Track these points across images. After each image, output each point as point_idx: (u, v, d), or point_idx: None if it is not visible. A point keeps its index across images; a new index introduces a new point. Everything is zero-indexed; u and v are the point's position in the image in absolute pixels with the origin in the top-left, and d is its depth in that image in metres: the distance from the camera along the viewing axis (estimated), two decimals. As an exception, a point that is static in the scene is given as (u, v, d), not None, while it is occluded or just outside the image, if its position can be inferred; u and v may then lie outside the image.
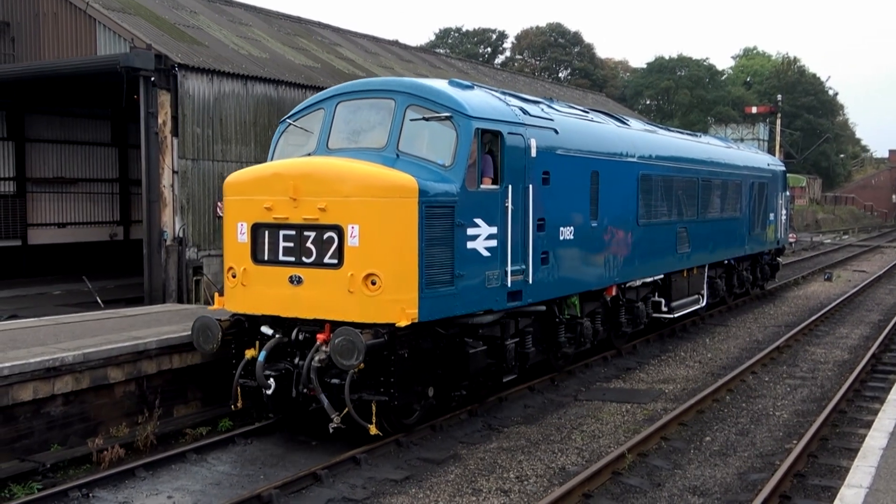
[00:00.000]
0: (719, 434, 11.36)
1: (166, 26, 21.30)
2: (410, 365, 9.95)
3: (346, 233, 9.62)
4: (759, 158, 24.59)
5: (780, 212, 25.42)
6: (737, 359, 16.28)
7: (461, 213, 10.14)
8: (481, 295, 10.68)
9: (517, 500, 8.93)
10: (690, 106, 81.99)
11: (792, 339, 17.98)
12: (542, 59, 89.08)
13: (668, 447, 10.73)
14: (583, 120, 14.03)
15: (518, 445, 10.79)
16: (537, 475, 9.71)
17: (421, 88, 10.90)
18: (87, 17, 20.79)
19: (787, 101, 66.38)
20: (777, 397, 13.37)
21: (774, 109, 52.17)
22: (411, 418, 10.69)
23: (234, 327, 10.72)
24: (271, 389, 10.09)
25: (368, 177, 9.79)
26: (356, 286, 9.55)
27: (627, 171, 14.84)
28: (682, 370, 15.34)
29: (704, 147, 19.70)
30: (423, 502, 8.88)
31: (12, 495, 9.03)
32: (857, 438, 10.68)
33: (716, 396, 13.09)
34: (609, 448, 10.61)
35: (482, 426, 11.62)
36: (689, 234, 17.58)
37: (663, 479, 9.59)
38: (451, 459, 10.22)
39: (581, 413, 12.38)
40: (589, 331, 14.10)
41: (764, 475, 9.63)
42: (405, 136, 10.45)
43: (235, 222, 10.56)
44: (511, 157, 11.15)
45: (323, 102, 11.50)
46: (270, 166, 10.63)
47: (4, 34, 22.46)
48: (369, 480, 9.46)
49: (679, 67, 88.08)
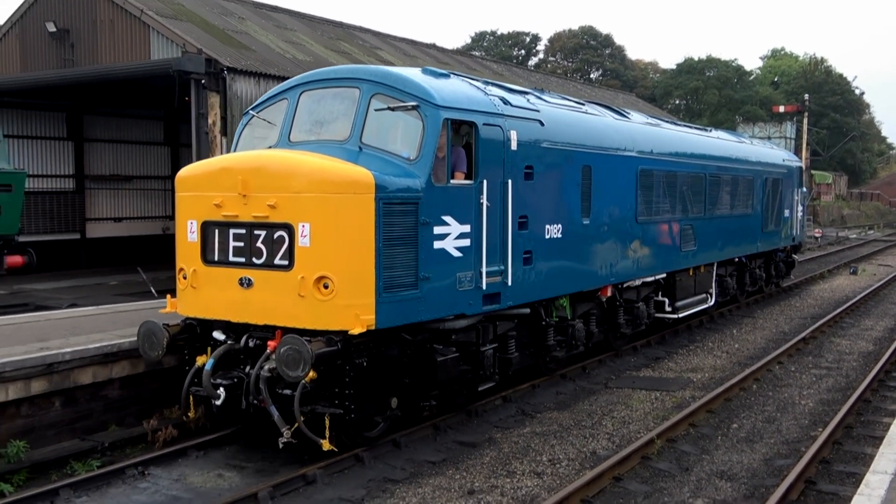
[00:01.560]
0: (746, 421, 11.25)
1: (216, 32, 21.55)
2: (370, 374, 8.81)
3: (296, 232, 8.45)
4: (774, 154, 23.17)
5: (796, 208, 24.20)
6: (763, 349, 16.10)
7: (427, 210, 8.91)
8: (452, 298, 9.41)
9: (550, 483, 8.91)
10: (719, 105, 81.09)
11: (818, 330, 17.75)
12: (574, 60, 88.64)
13: (696, 433, 10.66)
14: (574, 112, 12.64)
15: (550, 430, 10.78)
16: (569, 459, 9.70)
17: (387, 76, 9.63)
18: (142, 24, 21.11)
19: (814, 101, 65.45)
20: (803, 386, 13.22)
21: (801, 108, 51.46)
22: (374, 431, 9.53)
23: (185, 332, 9.57)
24: (220, 399, 8.96)
25: (320, 171, 8.56)
26: (307, 290, 8.35)
27: (625, 166, 13.45)
28: (710, 360, 15.21)
29: (713, 142, 18.29)
30: (459, 483, 8.90)
31: (74, 472, 9.23)
32: (881, 427, 10.55)
33: (743, 385, 12.97)
34: (639, 434, 10.55)
35: (516, 412, 11.61)
36: (695, 232, 16.33)
37: (691, 464, 9.53)
38: (487, 443, 10.23)
39: (611, 400, 12.33)
40: (581, 333, 12.78)
41: (790, 461, 9.54)
42: (369, 128, 9.24)
43: (185, 220, 9.42)
44: (487, 149, 9.86)
45: (287, 92, 10.26)
46: (220, 160, 9.52)
47: (64, 40, 22.83)
48: (408, 462, 9.50)
49: (708, 68, 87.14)
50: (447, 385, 9.76)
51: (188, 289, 9.36)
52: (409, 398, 9.57)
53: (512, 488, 8.74)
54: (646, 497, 8.54)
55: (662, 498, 8.54)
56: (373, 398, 9.03)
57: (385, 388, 9.19)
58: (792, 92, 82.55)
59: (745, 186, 19.31)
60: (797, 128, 53.25)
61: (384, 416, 9.51)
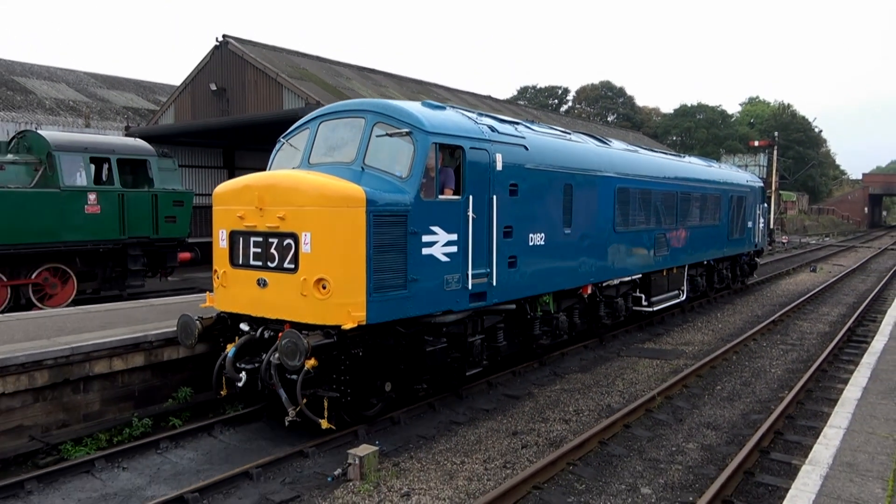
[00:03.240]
0: (727, 384, 10.95)
1: (329, 88, 21.96)
2: (365, 363, 8.08)
3: (300, 240, 7.82)
4: (738, 176, 21.71)
5: (758, 220, 22.87)
6: (741, 328, 15.66)
7: (415, 221, 8.15)
8: (439, 297, 8.60)
9: (575, 427, 8.81)
10: (707, 140, 79.13)
11: (784, 315, 17.22)
12: (596, 107, 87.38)
13: (688, 392, 10.43)
14: (557, 139, 11.62)
15: (575, 388, 10.64)
16: (589, 409, 9.57)
17: (387, 107, 8.84)
18: (277, 84, 21.60)
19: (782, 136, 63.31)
20: (773, 358, 12.81)
21: (772, 143, 49.80)
22: (371, 410, 8.76)
23: (218, 324, 8.96)
24: (242, 382, 8.35)
25: (319, 187, 7.84)
26: (308, 290, 7.71)
27: (604, 185, 12.40)
28: (699, 336, 14.83)
29: (684, 165, 17.09)
30: (506, 425, 8.86)
31: (225, 412, 9.30)
32: (835, 391, 10.17)
33: (725, 356, 12.66)
34: (643, 392, 10.37)
35: (549, 373, 11.49)
36: (668, 240, 15.21)
37: (684, 416, 9.33)
38: (527, 396, 10.15)
39: (622, 366, 12.11)
40: (565, 324, 11.85)
41: (762, 416, 9.30)
42: (371, 151, 8.54)
43: (218, 229, 8.80)
44: (473, 170, 9.05)
45: (309, 123, 9.60)
46: (243, 179, 8.76)
47: (222, 96, 23.45)
48: (468, 409, 9.53)
49: (698, 112, 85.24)
50: (437, 371, 9.05)
51: (220, 287, 8.77)
52: (404, 382, 8.83)
53: (546, 431, 8.67)
54: (649, 441, 8.38)
55: (662, 442, 8.39)
56: (368, 383, 8.29)
57: (379, 374, 8.42)
58: (764, 130, 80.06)
59: (713, 202, 18.21)
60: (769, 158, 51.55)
61: (380, 398, 8.76)
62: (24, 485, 6.91)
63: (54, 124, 27.62)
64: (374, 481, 7.00)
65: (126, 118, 31.14)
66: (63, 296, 14.25)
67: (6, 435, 7.96)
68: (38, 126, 25.97)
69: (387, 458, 7.66)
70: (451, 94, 32.37)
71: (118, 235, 14.89)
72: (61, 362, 8.37)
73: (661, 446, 8.23)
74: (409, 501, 6.63)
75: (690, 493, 6.96)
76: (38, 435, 8.14)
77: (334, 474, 7.14)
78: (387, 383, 8.54)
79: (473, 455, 7.83)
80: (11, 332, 9.39)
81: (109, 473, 7.38)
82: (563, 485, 7.08)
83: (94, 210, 14.38)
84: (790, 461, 7.72)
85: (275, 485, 7.04)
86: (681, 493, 6.98)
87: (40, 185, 13.74)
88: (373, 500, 6.62)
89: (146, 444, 7.99)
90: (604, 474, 7.39)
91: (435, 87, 31.69)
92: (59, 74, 34.95)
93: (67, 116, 29.41)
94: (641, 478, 7.31)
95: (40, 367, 8.16)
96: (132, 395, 9.11)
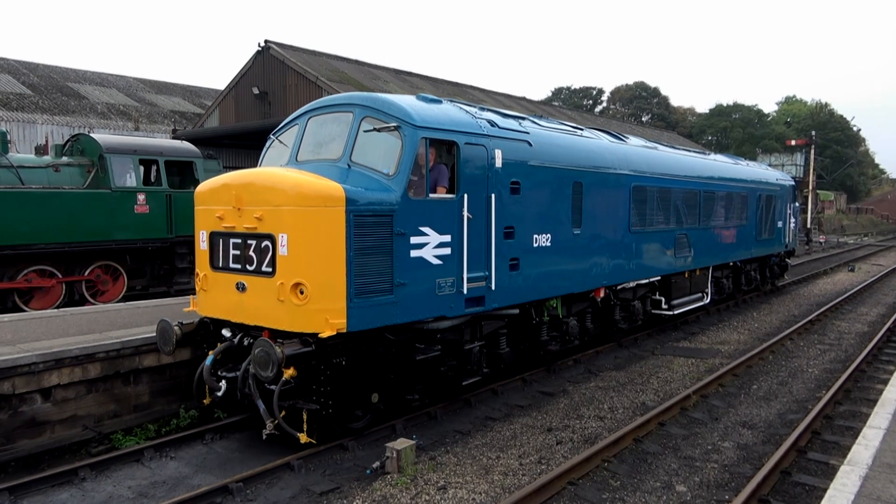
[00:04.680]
0: (764, 384, 10.73)
1: (367, 91, 21.98)
2: (348, 372, 7.39)
3: (277, 242, 7.11)
4: (768, 174, 20.48)
5: (789, 220, 21.78)
6: (778, 328, 15.34)
7: (402, 221, 7.42)
8: (430, 302, 7.87)
9: (609, 425, 8.73)
10: (742, 140, 77.59)
11: (822, 314, 16.83)
12: (630, 107, 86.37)
13: (723, 391, 10.25)
14: (566, 134, 10.74)
15: (610, 385, 10.53)
16: (624, 407, 9.46)
17: (375, 101, 8.07)
18: (317, 87, 21.85)
19: (820, 136, 61.71)
20: (810, 358, 12.51)
21: (809, 142, 48.53)
22: (359, 423, 8.04)
23: (201, 329, 8.35)
24: (221, 391, 7.79)
25: (295, 186, 7.12)
26: (285, 295, 7.01)
27: (618, 183, 11.55)
28: (735, 335, 14.56)
29: (707, 163, 16.02)
30: (541, 422, 8.82)
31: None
32: (874, 392, 9.93)
33: (761, 356, 12.41)
34: (678, 390, 10.23)
35: (584, 370, 11.40)
36: (690, 240, 14.28)
37: (720, 415, 9.17)
38: (561, 393, 10.09)
39: (657, 364, 11.96)
40: (575, 329, 11.00)
41: (799, 416, 9.11)
42: (358, 147, 7.81)
43: (199, 231, 8.17)
44: (469, 166, 8.29)
45: (299, 118, 8.85)
46: (222, 177, 8.01)
47: (264, 100, 23.78)
48: (503, 405, 9.50)
49: (734, 111, 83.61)
50: (429, 380, 8.39)
51: (201, 291, 8.16)
52: (394, 392, 8.06)
53: (580, 427, 8.60)
54: (684, 439, 8.25)
55: (697, 440, 8.25)
56: (352, 394, 7.54)
57: (365, 384, 7.67)
58: (801, 129, 78.21)
59: (740, 201, 17.11)
60: (806, 157, 50.30)
61: (367, 410, 8.06)
62: (78, 472, 7.11)
63: (105, 128, 28.37)
64: (411, 474, 7.04)
65: (173, 121, 31.82)
66: (114, 292, 14.62)
67: (62, 424, 8.20)
68: (91, 129, 26.72)
69: (424, 452, 7.68)
70: (487, 95, 32.33)
71: (166, 234, 15.20)
72: (112, 355, 8.57)
73: (696, 444, 8.10)
74: (446, 495, 6.64)
75: (726, 492, 6.84)
76: (90, 425, 8.37)
77: (372, 467, 7.19)
78: (374, 394, 7.78)
79: (508, 450, 7.81)
80: (66, 327, 9.67)
81: (158, 462, 7.55)
82: (598, 481, 7.02)
83: (143, 210, 14.72)
84: (828, 461, 7.53)
85: (315, 476, 7.12)
86: (716, 491, 6.86)
87: (92, 186, 14.11)
88: (410, 493, 6.65)
89: (193, 434, 8.14)
90: (638, 471, 7.30)
91: (470, 89, 31.69)
92: (111, 80, 35.86)
93: (118, 120, 30.18)
94: (676, 475, 7.21)
95: (93, 359, 8.38)
96: (179, 387, 9.29)
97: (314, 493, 6.69)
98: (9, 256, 12.85)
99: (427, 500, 6.50)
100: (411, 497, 6.56)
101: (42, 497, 6.70)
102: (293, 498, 6.62)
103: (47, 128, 27.09)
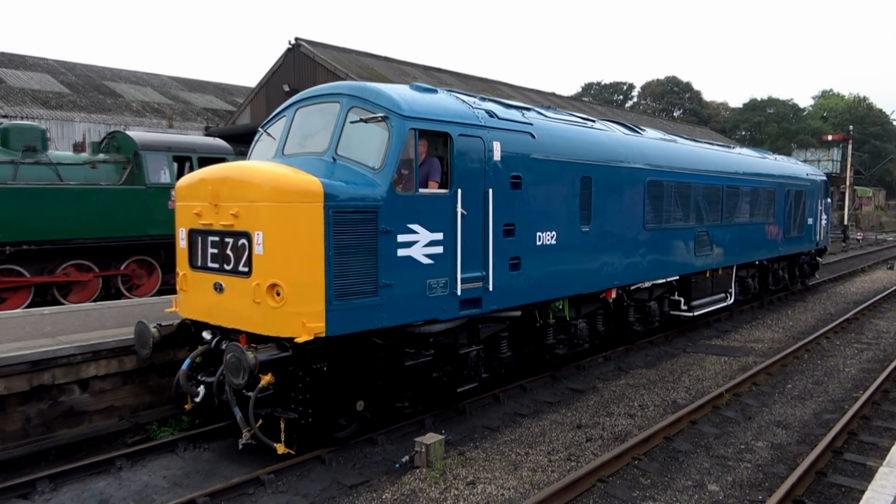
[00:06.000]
0: (799, 383, 10.53)
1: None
2: (330, 379, 6.99)
3: (253, 240, 6.66)
4: (797, 168, 19.56)
5: (820, 217, 20.81)
6: (813, 326, 15.03)
7: (388, 218, 6.92)
8: (421, 304, 7.36)
9: (640, 422, 8.65)
10: (777, 135, 76.08)
11: (859, 313, 16.45)
12: (661, 103, 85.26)
13: (757, 390, 10.09)
14: (573, 126, 10.09)
15: (640, 383, 10.43)
16: (655, 405, 9.37)
17: (363, 90, 7.57)
18: (346, 83, 21.78)
19: (858, 130, 60.16)
20: (846, 357, 12.24)
21: (846, 137, 47.38)
22: (344, 432, 7.55)
23: (182, 331, 7.92)
24: (199, 397, 7.40)
25: (271, 180, 6.64)
26: (261, 296, 6.57)
27: (632, 177, 10.91)
28: (769, 333, 14.30)
29: (730, 156, 15.18)
30: (570, 418, 8.78)
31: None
32: (914, 392, 9.60)
33: (796, 354, 12.18)
34: (710, 389, 10.09)
35: (614, 368, 11.31)
36: (711, 238, 13.61)
37: (753, 414, 9.03)
38: (591, 390, 10.02)
39: (689, 362, 11.80)
40: (584, 332, 10.46)
41: (835, 416, 8.92)
42: (344, 139, 7.32)
43: (178, 228, 7.73)
44: (463, 160, 7.76)
45: (286, 109, 8.36)
46: (200, 172, 7.53)
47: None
48: (532, 401, 9.49)
49: (768, 106, 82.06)
50: (420, 387, 7.88)
51: (181, 291, 7.76)
52: (382, 399, 7.63)
53: (611, 425, 8.54)
54: (716, 438, 8.15)
55: (730, 439, 8.14)
56: (335, 402, 7.13)
57: (349, 391, 7.24)
58: (839, 123, 76.42)
59: (766, 197, 16.25)
60: (843, 152, 49.15)
61: (353, 418, 7.55)
62: (114, 461, 7.26)
63: (140, 125, 28.90)
64: (440, 469, 7.05)
65: (206, 119, 32.29)
66: (149, 286, 14.90)
67: (99, 414, 8.39)
68: (126, 127, 27.23)
69: (453, 448, 7.70)
70: (516, 91, 32.20)
71: (199, 230, 15.44)
72: (148, 348, 8.75)
73: (729, 444, 7.99)
74: (475, 490, 6.65)
75: (760, 492, 6.73)
76: (126, 415, 8.56)
77: (402, 461, 7.22)
78: (359, 402, 7.36)
79: (537, 447, 7.78)
80: (103, 320, 9.88)
81: (192, 453, 7.67)
82: (628, 479, 6.97)
83: (177, 206, 14.97)
84: (865, 462, 7.37)
85: (346, 469, 7.17)
86: (750, 491, 6.76)
87: (128, 183, 14.39)
88: (439, 488, 6.67)
89: (225, 426, 8.25)
90: (669, 470, 7.23)
91: (500, 85, 31.60)
92: (145, 79, 36.50)
93: (152, 118, 30.72)
94: (708, 475, 7.12)
95: (129, 352, 8.54)
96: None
97: (344, 486, 6.75)
98: (48, 251, 13.17)
99: (456, 495, 6.52)
100: (440, 492, 6.59)
101: (80, 485, 6.87)
102: (324, 490, 6.69)
103: (84, 125, 27.70)
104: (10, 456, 7.49)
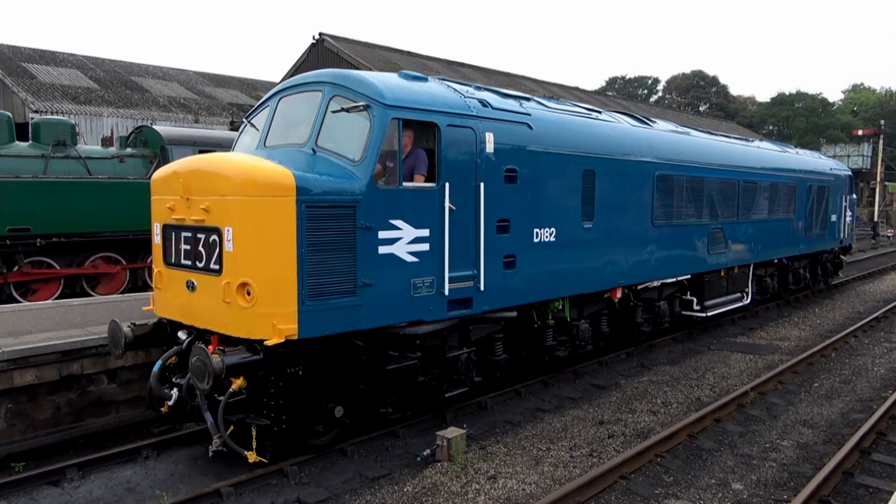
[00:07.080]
0: (826, 382, 10.37)
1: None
2: (305, 383, 6.59)
3: (223, 236, 6.25)
4: (820, 163, 18.65)
5: (844, 213, 19.95)
6: (841, 325, 14.79)
7: (368, 214, 6.48)
8: (404, 305, 6.92)
9: (663, 419, 8.58)
10: (806, 130, 74.76)
11: (889, 311, 16.15)
12: (687, 97, 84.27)
13: (783, 389, 9.96)
14: (575, 117, 9.55)
15: (664, 380, 10.35)
16: (678, 402, 9.30)
17: (345, 77, 7.15)
18: (369, 78, 21.86)
19: (889, 125, 58.97)
20: (875, 356, 12.03)
21: (877, 131, 46.44)
22: (322, 439, 7.24)
23: (158, 331, 7.50)
24: (172, 400, 6.96)
25: (241, 173, 6.25)
26: (231, 296, 6.17)
27: (639, 171, 10.36)
28: (796, 331, 14.10)
29: (746, 150, 14.48)
30: (592, 414, 8.74)
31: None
32: (946, 392, 9.40)
33: (823, 353, 12.00)
34: (735, 387, 9.98)
35: (637, 364, 11.23)
36: (726, 235, 13.02)
37: (779, 413, 8.92)
38: (614, 387, 9.97)
39: (713, 359, 11.68)
40: (587, 333, 9.99)
41: (863, 416, 8.77)
42: (325, 130, 6.90)
43: (153, 222, 7.37)
44: (452, 151, 7.28)
45: (270, 99, 7.97)
46: (172, 164, 7.16)
47: (318, 90, 23.98)
48: (554, 397, 9.48)
49: (797, 100, 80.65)
50: (405, 391, 7.39)
51: (156, 289, 7.40)
52: (363, 405, 7.18)
53: (633, 422, 8.49)
54: (741, 436, 8.06)
55: (754, 438, 8.05)
56: (311, 408, 6.75)
57: (326, 396, 6.85)
58: (869, 118, 74.85)
59: (786, 192, 15.53)
60: (874, 147, 48.17)
61: (331, 424, 7.18)
62: (141, 451, 7.39)
63: (167, 120, 29.26)
64: (461, 463, 7.07)
65: (231, 113, 32.58)
66: (174, 279, 15.11)
67: (126, 404, 8.54)
68: (153, 122, 27.59)
69: (474, 442, 7.71)
70: (539, 85, 32.06)
71: (223, 223, 15.61)
72: (174, 340, 8.88)
73: (753, 442, 7.90)
74: (496, 484, 6.65)
75: (785, 491, 6.65)
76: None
77: (423, 455, 7.25)
78: (337, 408, 6.93)
79: (559, 442, 7.77)
80: (130, 311, 10.04)
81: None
82: (651, 476, 6.92)
83: (203, 199, 15.13)
84: (893, 463, 7.25)
85: (368, 462, 7.22)
86: (774, 490, 6.68)
87: (155, 177, 14.61)
88: (460, 481, 6.69)
89: (249, 418, 8.36)
90: (693, 467, 7.17)
91: (522, 79, 31.48)
92: (172, 74, 36.92)
93: (178, 112, 31.07)
94: (732, 473, 7.05)
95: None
96: (236, 372, 9.55)
97: (366, 479, 6.79)
98: (77, 243, 13.42)
99: (477, 489, 6.53)
100: (461, 485, 6.60)
101: (108, 473, 7.00)
102: (346, 482, 6.74)
103: (112, 120, 28.11)
104: (41, 444, 7.67)
